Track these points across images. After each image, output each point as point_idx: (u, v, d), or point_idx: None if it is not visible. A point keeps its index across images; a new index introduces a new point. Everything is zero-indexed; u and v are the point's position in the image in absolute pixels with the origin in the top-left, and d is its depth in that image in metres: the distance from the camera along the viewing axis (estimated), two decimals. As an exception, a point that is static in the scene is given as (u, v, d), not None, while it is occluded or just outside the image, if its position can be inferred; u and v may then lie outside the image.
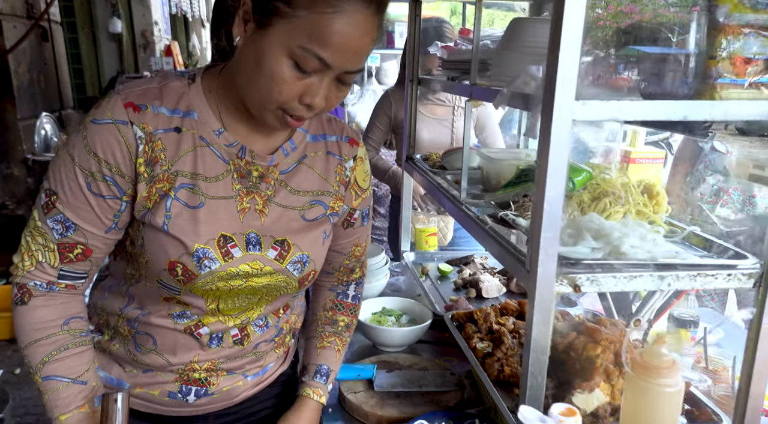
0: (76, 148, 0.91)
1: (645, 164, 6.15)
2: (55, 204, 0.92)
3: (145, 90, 0.94)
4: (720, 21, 0.88)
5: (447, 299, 1.74)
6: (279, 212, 1.02)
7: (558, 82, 0.84)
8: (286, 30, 0.85)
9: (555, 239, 0.91)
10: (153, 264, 0.96)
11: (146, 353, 1.05)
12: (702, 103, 0.89)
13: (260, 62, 0.87)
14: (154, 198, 0.94)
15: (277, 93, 0.88)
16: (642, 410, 0.90)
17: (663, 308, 1.53)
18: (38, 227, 0.94)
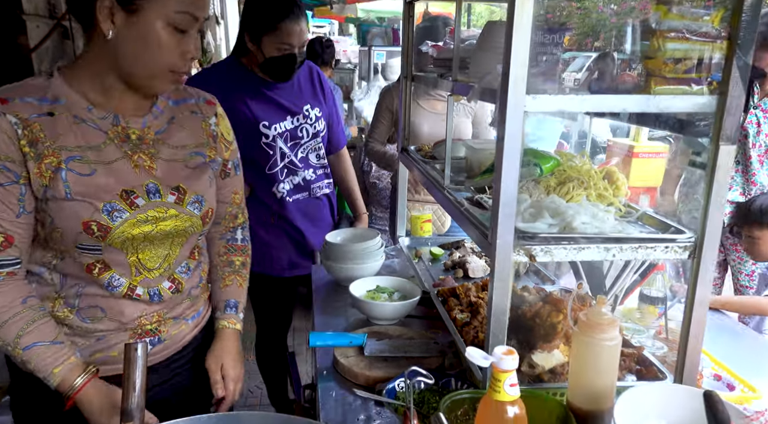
0: None
1: (648, 159, 6.24)
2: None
3: (8, 88, 1.09)
4: (653, 26, 1.01)
5: (436, 279, 1.88)
6: (166, 165, 1.20)
7: (510, 79, 0.99)
8: (160, 4, 1.03)
9: (511, 213, 1.05)
10: (68, 232, 1.10)
11: (97, 321, 1.19)
12: (639, 97, 1.03)
13: (146, 40, 1.05)
14: (47, 174, 1.07)
15: (168, 58, 1.07)
16: (585, 362, 1.05)
17: (632, 286, 1.66)
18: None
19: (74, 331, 1.19)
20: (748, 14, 0.98)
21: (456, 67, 1.50)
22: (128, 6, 1.03)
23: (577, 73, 1.16)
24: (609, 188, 1.34)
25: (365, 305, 1.69)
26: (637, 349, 1.30)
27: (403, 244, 2.16)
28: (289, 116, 2.11)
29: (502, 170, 1.03)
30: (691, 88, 1.03)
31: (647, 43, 1.03)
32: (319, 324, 1.73)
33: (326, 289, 1.99)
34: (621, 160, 5.49)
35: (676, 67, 1.02)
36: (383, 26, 5.34)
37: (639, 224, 1.27)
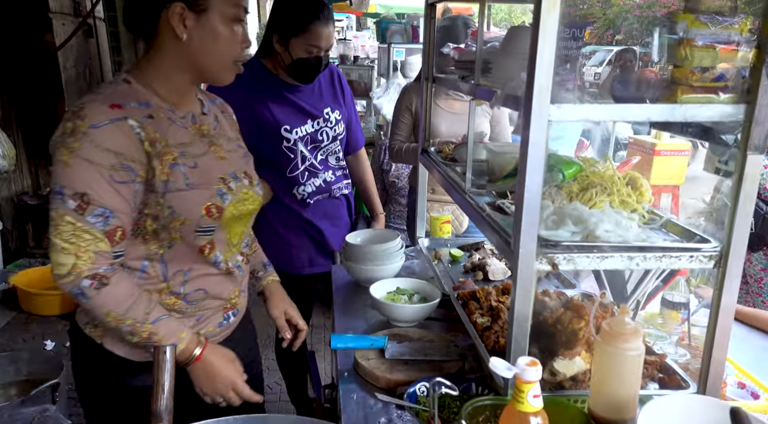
0: (90, 151, 1.09)
1: (670, 157, 6.17)
2: (90, 203, 1.09)
3: (111, 92, 1.17)
4: (680, 34, 1.00)
5: (456, 281, 1.89)
6: (230, 155, 1.36)
7: (535, 88, 0.99)
8: (221, 2, 1.17)
9: (535, 222, 1.06)
10: (190, 217, 1.22)
11: (200, 302, 1.33)
12: (664, 106, 1.03)
13: (214, 35, 1.18)
14: (166, 171, 1.18)
15: (233, 49, 1.22)
16: (608, 372, 1.05)
17: (655, 291, 1.65)
18: (78, 227, 1.10)
19: (179, 311, 1.31)
20: (779, 22, 0.96)
21: (478, 71, 1.50)
22: (196, 8, 1.17)
23: (597, 67, 1.16)
24: (632, 194, 1.33)
25: (386, 307, 1.70)
26: (660, 356, 1.29)
27: (423, 245, 2.17)
28: (309, 120, 2.12)
29: (526, 179, 1.03)
30: (718, 97, 1.02)
31: (673, 51, 1.02)
32: (340, 325, 1.75)
33: (346, 289, 2.00)
34: (642, 159, 5.44)
35: (703, 76, 1.01)
36: (402, 23, 5.32)
37: (663, 231, 1.26)
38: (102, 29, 5.61)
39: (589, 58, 1.76)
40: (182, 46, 1.19)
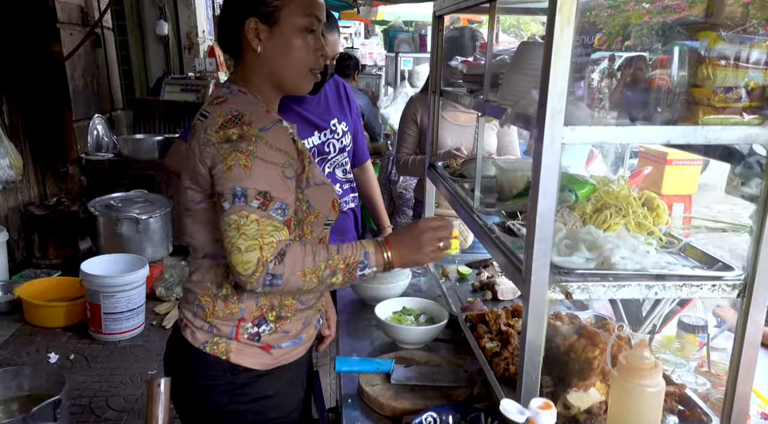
0: (266, 152, 1.15)
1: (682, 166, 6.08)
2: (272, 198, 1.13)
3: (242, 101, 1.23)
4: (701, 53, 0.95)
5: (464, 300, 1.84)
6: None
7: (548, 111, 0.94)
8: (291, 13, 1.22)
9: (547, 249, 1.00)
10: (322, 211, 1.31)
11: (309, 301, 1.36)
12: (684, 128, 0.97)
13: (289, 46, 1.22)
14: (308, 167, 1.27)
15: (308, 58, 1.25)
16: (626, 409, 0.99)
17: (671, 314, 1.59)
18: (263, 223, 1.12)
19: (294, 315, 1.34)
20: (808, 40, 0.91)
21: (487, 87, 1.45)
22: (268, 20, 1.22)
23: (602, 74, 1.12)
24: (648, 216, 1.28)
25: (391, 329, 1.65)
26: (679, 387, 1.23)
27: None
28: (316, 131, 2.08)
29: (538, 204, 0.98)
30: (742, 118, 0.96)
31: (693, 70, 0.97)
32: (344, 347, 1.70)
33: (351, 308, 1.95)
34: (654, 168, 5.36)
35: (726, 96, 0.95)
36: (410, 32, 5.29)
37: (681, 255, 1.20)
38: (110, 38, 5.62)
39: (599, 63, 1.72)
40: (260, 58, 1.24)
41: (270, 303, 1.30)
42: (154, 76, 7.23)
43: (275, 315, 1.31)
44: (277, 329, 1.32)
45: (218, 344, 1.28)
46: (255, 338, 1.30)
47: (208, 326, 1.29)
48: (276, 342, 1.32)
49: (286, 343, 1.34)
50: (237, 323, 1.28)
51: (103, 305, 3.49)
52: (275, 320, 1.31)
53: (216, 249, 1.26)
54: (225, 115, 1.16)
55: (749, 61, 0.94)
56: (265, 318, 1.30)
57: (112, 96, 5.54)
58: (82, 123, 4.78)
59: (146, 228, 4.09)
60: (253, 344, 1.30)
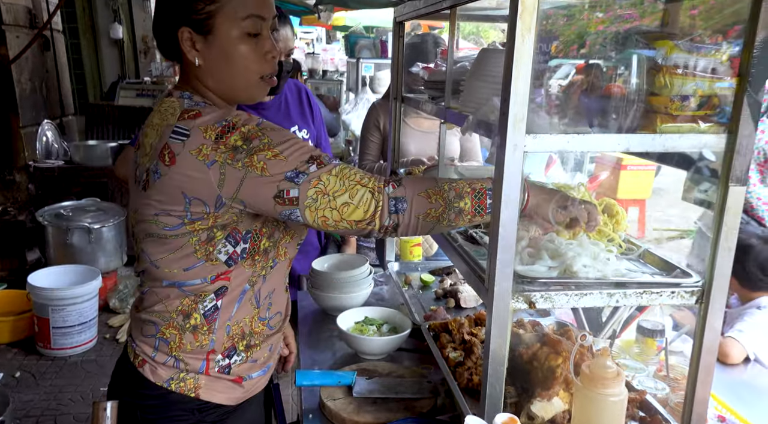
0: (277, 135, 1.06)
1: (636, 171, 6.24)
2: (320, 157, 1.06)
3: (214, 110, 1.12)
4: (658, 62, 0.96)
5: (427, 309, 1.81)
6: None
7: (510, 118, 0.92)
8: (226, 18, 1.08)
9: (510, 259, 0.99)
10: (297, 230, 1.22)
11: (276, 325, 1.27)
12: (643, 136, 0.97)
13: (230, 56, 1.10)
14: None
15: (254, 64, 1.11)
16: (590, 418, 0.98)
17: (630, 318, 1.61)
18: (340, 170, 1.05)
19: (262, 342, 1.24)
20: (760, 50, 0.92)
21: (449, 93, 1.44)
22: (203, 30, 1.09)
23: (563, 80, 1.12)
24: (609, 223, 1.28)
25: (353, 340, 1.61)
26: (640, 393, 1.23)
27: (392, 270, 2.09)
28: None
29: (501, 213, 0.96)
30: (698, 126, 0.97)
31: (651, 78, 0.97)
32: (305, 359, 1.65)
33: (313, 318, 1.91)
34: (609, 173, 5.49)
35: (683, 105, 0.96)
36: (371, 38, 5.28)
37: (641, 262, 1.21)
38: (60, 41, 5.41)
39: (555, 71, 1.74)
40: (202, 70, 1.13)
41: (241, 332, 1.20)
42: (109, 81, 7.00)
43: (245, 344, 1.22)
44: (247, 358, 1.23)
45: (185, 380, 1.16)
46: (226, 371, 1.20)
47: (173, 361, 1.16)
48: (246, 373, 1.24)
49: (256, 372, 1.26)
50: (206, 356, 1.17)
51: (52, 319, 3.34)
52: (245, 349, 1.22)
53: (184, 278, 1.14)
54: (215, 129, 1.05)
55: (705, 70, 0.96)
56: (236, 348, 1.21)
57: (63, 101, 5.33)
58: (30, 129, 4.58)
59: (99, 238, 3.94)
60: (224, 378, 1.20)
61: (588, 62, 1.08)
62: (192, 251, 1.11)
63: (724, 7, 1.08)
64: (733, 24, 1.02)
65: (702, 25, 1.12)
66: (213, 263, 1.13)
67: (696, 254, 1.63)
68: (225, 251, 1.13)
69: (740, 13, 0.94)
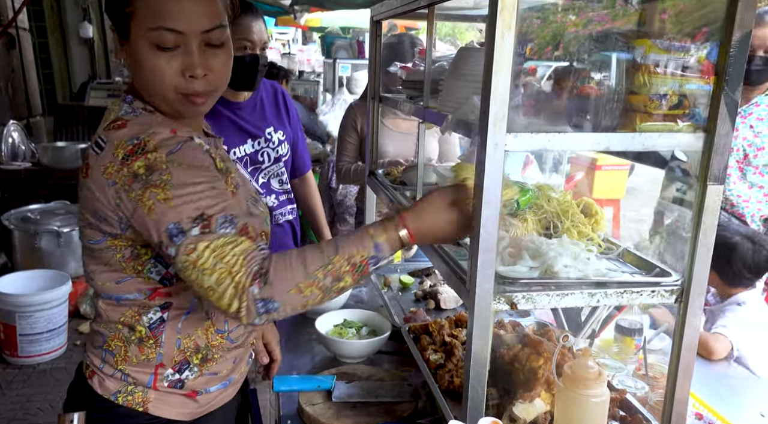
0: (181, 176, 0.96)
1: (611, 171, 6.32)
2: (210, 217, 0.94)
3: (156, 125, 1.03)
4: (637, 61, 0.95)
5: (407, 310, 1.80)
6: (242, 178, 1.22)
7: (490, 118, 0.91)
8: (137, 25, 1.00)
9: (492, 260, 0.98)
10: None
11: (239, 338, 1.20)
12: (623, 135, 0.97)
13: (139, 64, 1.02)
14: (233, 191, 1.10)
15: (160, 79, 1.01)
16: (571, 419, 0.97)
17: (608, 317, 1.61)
18: (216, 245, 0.92)
19: (221, 355, 1.17)
20: (736, 50, 0.93)
21: (427, 93, 1.42)
22: (121, 32, 1.03)
23: (544, 80, 1.13)
24: (588, 224, 1.28)
25: (332, 343, 1.59)
26: (620, 392, 1.23)
27: (372, 271, 2.07)
28: (249, 139, 1.99)
29: (482, 213, 0.95)
30: (677, 126, 0.97)
31: (630, 77, 0.97)
32: (284, 364, 1.61)
33: (291, 322, 1.87)
34: (584, 173, 5.56)
35: (661, 103, 0.96)
36: (348, 38, 5.26)
37: (620, 261, 1.21)
38: (27, 40, 5.27)
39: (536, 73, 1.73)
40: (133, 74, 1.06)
41: (195, 345, 1.12)
42: (78, 81, 6.85)
43: (200, 357, 1.13)
44: (203, 371, 1.14)
45: (133, 393, 1.10)
46: (177, 385, 1.12)
47: (120, 374, 1.10)
48: (203, 387, 1.15)
49: (214, 386, 1.17)
50: (154, 370, 1.10)
51: (19, 326, 3.22)
52: (200, 363, 1.14)
53: (119, 291, 1.08)
54: (125, 147, 0.97)
55: (683, 69, 0.96)
56: (189, 362, 1.12)
57: (30, 101, 5.20)
58: (-5, 130, 4.44)
59: (69, 242, 3.83)
60: (175, 392, 1.13)
61: (570, 63, 1.08)
62: (120, 268, 1.05)
63: (695, 11, 1.08)
64: (702, 26, 1.02)
65: (671, 29, 1.12)
66: (146, 280, 1.06)
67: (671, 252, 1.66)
68: (156, 271, 1.06)
69: (708, 17, 0.95)
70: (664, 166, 2.58)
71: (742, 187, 2.27)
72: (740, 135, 2.29)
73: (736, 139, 2.31)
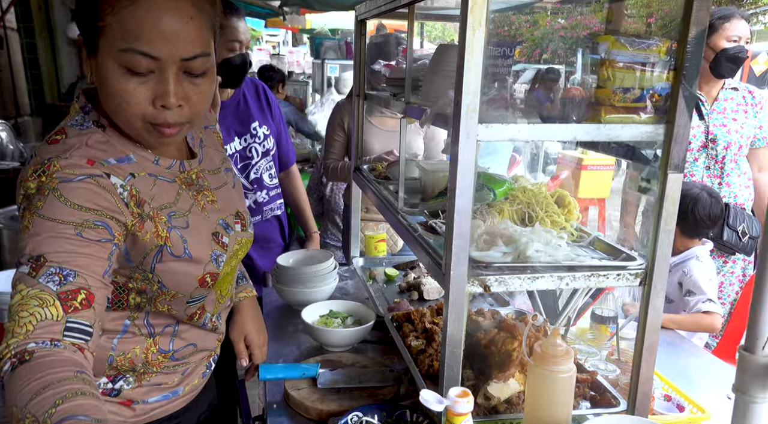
0: (54, 208, 0.88)
1: (596, 171, 6.43)
2: (44, 263, 0.85)
3: (83, 144, 0.95)
4: (602, 56, 1.01)
5: (391, 301, 1.85)
6: (220, 194, 1.17)
7: (462, 108, 0.97)
8: (106, 43, 0.89)
9: (465, 245, 1.03)
10: (183, 291, 1.06)
11: (188, 356, 1.18)
12: (589, 126, 1.03)
13: (104, 84, 0.92)
14: (164, 234, 0.99)
15: (126, 105, 0.91)
16: (541, 394, 1.03)
17: (584, 306, 1.67)
18: (27, 294, 0.83)
19: (163, 370, 1.14)
20: (693, 46, 0.99)
21: (408, 89, 1.48)
22: (89, 46, 0.93)
23: (527, 84, 1.18)
24: (561, 214, 1.34)
25: (317, 332, 1.63)
26: (591, 374, 1.29)
27: (357, 265, 2.12)
28: (236, 137, 2.04)
29: (456, 199, 1.00)
30: (639, 117, 1.04)
31: (596, 71, 1.03)
32: (270, 353, 1.66)
33: (278, 313, 1.92)
34: (571, 173, 5.65)
35: (624, 96, 1.02)
36: (336, 39, 5.32)
37: (590, 249, 1.27)
38: (14, 40, 5.27)
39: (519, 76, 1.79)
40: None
41: (130, 364, 1.07)
42: (67, 81, 6.82)
43: (136, 373, 1.10)
44: (142, 382, 1.10)
45: None
46: (112, 394, 1.08)
47: None
48: (141, 397, 1.10)
49: (154, 397, 1.12)
50: None
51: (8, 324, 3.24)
52: (138, 376, 1.10)
53: None
54: (36, 164, 0.91)
55: (644, 64, 1.02)
56: (124, 376, 1.09)
57: (18, 101, 5.19)
58: (-18, 129, 4.43)
59: (57, 240, 3.84)
60: (109, 400, 1.07)
61: (540, 60, 1.13)
62: None
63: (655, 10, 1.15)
64: (661, 24, 1.09)
65: (636, 27, 1.18)
66: None
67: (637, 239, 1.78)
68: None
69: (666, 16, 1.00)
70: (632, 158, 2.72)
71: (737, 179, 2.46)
72: (732, 129, 2.46)
73: (729, 134, 2.46)
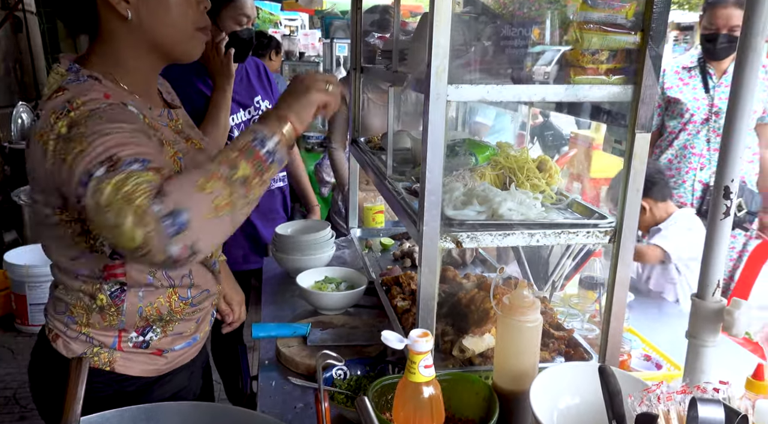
0: (96, 125, 0.91)
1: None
2: (118, 159, 0.86)
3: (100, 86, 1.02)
4: (570, 17, 1.04)
5: (384, 268, 1.91)
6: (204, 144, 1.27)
7: (432, 69, 1.01)
8: None
9: (438, 201, 1.08)
10: None
11: (203, 301, 1.23)
12: (557, 86, 1.07)
13: (166, 2, 1.04)
14: (176, 167, 1.06)
15: (191, 15, 1.07)
16: (509, 342, 1.08)
17: (571, 273, 1.71)
18: (118, 182, 0.83)
19: (184, 317, 1.19)
20: (659, 7, 1.01)
21: (396, 58, 1.52)
22: None
23: (546, 66, 1.17)
24: (541, 177, 1.38)
25: (311, 295, 1.70)
26: (568, 332, 1.34)
27: (355, 235, 2.18)
28: (241, 109, 2.10)
29: (428, 158, 1.05)
30: (608, 79, 1.07)
31: (565, 33, 1.06)
32: (267, 315, 1.74)
33: (277, 280, 1.99)
34: (583, 152, 5.61)
35: (593, 58, 1.05)
36: (345, 19, 5.33)
37: (567, 211, 1.30)
38: (34, 24, 5.39)
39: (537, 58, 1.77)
40: (131, 26, 1.04)
41: (158, 313, 1.14)
42: (85, 64, 6.96)
43: (163, 323, 1.16)
44: (167, 332, 1.17)
45: (99, 354, 1.12)
46: (143, 346, 1.15)
47: (84, 337, 1.11)
48: (168, 346, 1.18)
49: (179, 345, 1.21)
50: (118, 333, 1.12)
51: (29, 296, 3.39)
52: (163, 326, 1.17)
53: (75, 267, 1.08)
54: (57, 112, 0.94)
55: (612, 26, 1.05)
56: (152, 327, 1.15)
57: (38, 83, 5.32)
58: (4, 111, 4.58)
59: (75, 217, 3.97)
60: (141, 352, 1.15)
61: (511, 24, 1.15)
62: (73, 243, 1.05)
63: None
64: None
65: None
66: (98, 256, 1.06)
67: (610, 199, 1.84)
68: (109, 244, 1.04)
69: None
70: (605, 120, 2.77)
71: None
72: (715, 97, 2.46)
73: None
